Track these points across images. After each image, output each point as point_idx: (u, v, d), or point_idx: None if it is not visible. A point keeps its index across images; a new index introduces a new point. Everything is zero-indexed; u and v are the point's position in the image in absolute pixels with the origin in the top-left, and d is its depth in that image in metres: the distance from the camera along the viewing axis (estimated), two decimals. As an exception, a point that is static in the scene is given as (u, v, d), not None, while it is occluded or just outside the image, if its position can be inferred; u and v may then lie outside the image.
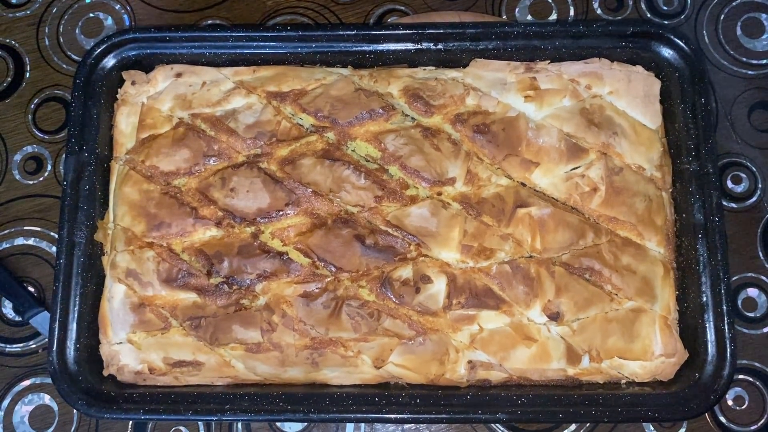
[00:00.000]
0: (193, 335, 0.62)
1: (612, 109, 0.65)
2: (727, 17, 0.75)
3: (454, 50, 0.66)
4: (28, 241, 0.71)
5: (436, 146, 0.64)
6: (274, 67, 0.66)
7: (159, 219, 0.63)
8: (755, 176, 0.71)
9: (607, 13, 0.75)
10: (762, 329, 0.68)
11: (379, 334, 0.62)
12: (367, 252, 0.62)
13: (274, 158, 0.64)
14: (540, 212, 0.63)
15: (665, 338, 0.61)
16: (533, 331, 0.62)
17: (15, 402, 0.68)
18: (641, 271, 0.63)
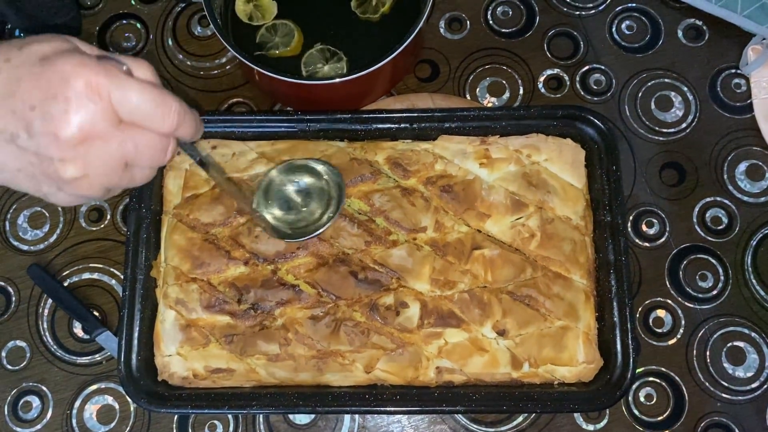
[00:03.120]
0: (227, 349, 0.73)
1: (547, 173, 0.78)
2: (644, 94, 0.89)
3: (425, 128, 0.79)
4: (92, 275, 0.85)
5: (412, 202, 0.76)
6: (287, 141, 0.79)
7: (201, 260, 0.75)
8: (665, 221, 0.85)
9: (549, 91, 0.90)
10: (667, 342, 0.81)
11: (368, 347, 0.73)
12: (359, 284, 0.74)
13: (288, 211, 0.76)
14: (491, 253, 0.75)
15: (587, 349, 0.73)
16: (486, 343, 0.73)
17: (85, 402, 0.81)
18: (568, 297, 0.74)
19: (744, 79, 0.90)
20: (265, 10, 0.88)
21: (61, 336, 0.83)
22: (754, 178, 0.87)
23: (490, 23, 0.93)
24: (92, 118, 0.43)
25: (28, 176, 0.46)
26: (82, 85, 0.43)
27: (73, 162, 0.45)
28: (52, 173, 0.45)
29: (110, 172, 0.46)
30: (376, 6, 0.87)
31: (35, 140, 0.44)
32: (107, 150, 0.45)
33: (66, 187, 0.46)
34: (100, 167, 0.46)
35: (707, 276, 0.84)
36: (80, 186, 0.46)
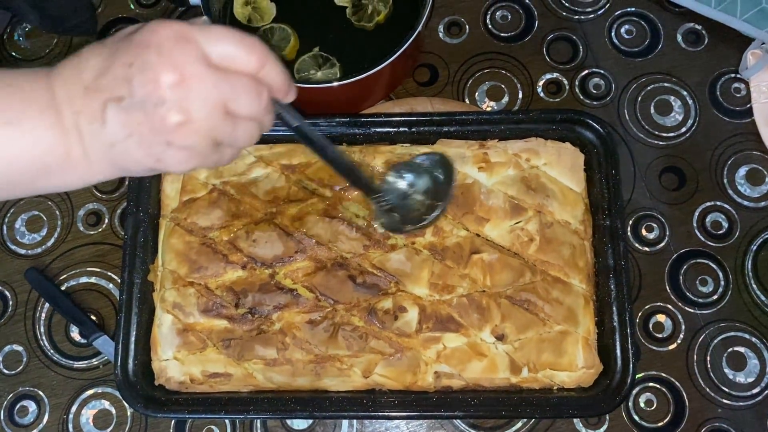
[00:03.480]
0: (224, 353, 0.73)
1: (546, 177, 0.78)
2: (643, 99, 0.89)
3: (424, 132, 0.79)
4: (90, 279, 0.84)
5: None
6: (286, 144, 0.80)
7: (198, 264, 0.75)
8: (664, 226, 0.85)
9: (548, 96, 0.89)
10: (668, 347, 0.81)
11: (366, 351, 0.73)
12: (357, 288, 0.74)
13: (286, 216, 0.76)
14: (490, 257, 0.75)
15: (586, 354, 0.73)
16: (484, 348, 0.73)
17: (81, 407, 0.81)
18: (567, 302, 0.74)
19: (743, 84, 0.90)
20: (263, 12, 0.88)
21: (58, 340, 0.83)
22: (754, 183, 0.87)
23: (489, 27, 0.93)
24: (184, 59, 0.46)
25: (136, 141, 0.47)
26: (170, 33, 0.46)
27: (176, 105, 0.46)
28: (159, 124, 0.46)
29: (212, 114, 0.47)
30: (371, 15, 0.87)
31: (138, 94, 0.46)
32: (205, 88, 0.47)
33: (175, 137, 0.47)
34: (202, 108, 0.47)
35: (707, 281, 0.84)
36: (186, 134, 0.47)
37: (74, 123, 0.47)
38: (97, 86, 0.47)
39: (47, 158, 0.48)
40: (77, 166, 0.49)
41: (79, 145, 0.48)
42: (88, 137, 0.48)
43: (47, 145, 0.48)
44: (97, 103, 0.47)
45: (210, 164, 0.50)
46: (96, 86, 0.47)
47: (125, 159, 0.48)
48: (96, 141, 0.48)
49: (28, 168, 0.48)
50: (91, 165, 0.49)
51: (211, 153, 0.49)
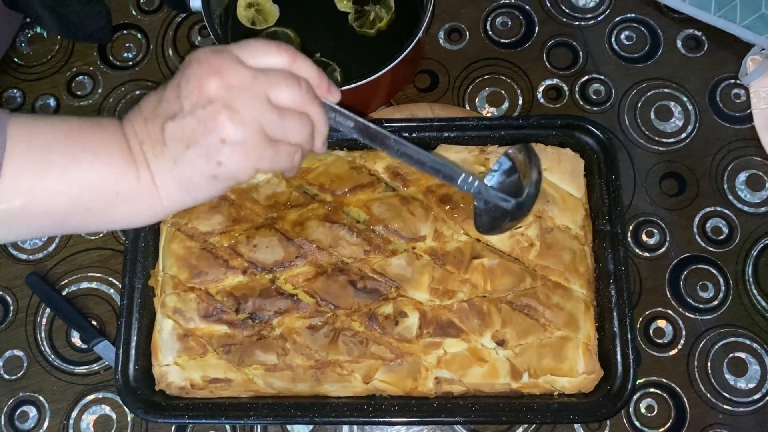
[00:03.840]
0: (224, 359, 0.73)
1: (546, 183, 0.77)
2: (643, 104, 0.90)
3: (424, 138, 0.79)
4: (91, 284, 0.85)
5: (411, 211, 0.76)
6: (286, 150, 0.83)
7: (199, 269, 0.75)
8: (665, 231, 0.85)
9: (548, 101, 0.90)
10: (668, 352, 0.81)
11: (367, 357, 0.73)
12: (358, 294, 0.74)
13: (287, 221, 0.76)
14: (490, 262, 0.75)
15: (587, 360, 0.73)
16: (485, 354, 0.73)
17: (82, 412, 0.81)
18: (568, 307, 0.74)
19: (743, 89, 0.90)
20: (267, 13, 0.89)
21: (58, 345, 0.83)
22: (755, 188, 0.87)
23: (490, 34, 0.94)
24: (222, 62, 0.50)
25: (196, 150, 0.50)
26: (206, 49, 0.52)
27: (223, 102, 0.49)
28: (210, 124, 0.49)
29: (256, 105, 0.50)
30: (373, 21, 0.88)
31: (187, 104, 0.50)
32: (245, 83, 0.50)
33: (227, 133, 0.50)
34: (247, 101, 0.50)
35: (708, 286, 0.84)
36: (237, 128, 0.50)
37: (140, 151, 0.52)
38: (154, 115, 0.52)
39: (119, 184, 0.51)
40: (146, 193, 0.52)
41: (146, 170, 0.52)
42: (153, 162, 0.52)
43: (118, 171, 0.51)
44: (157, 128, 0.51)
45: (269, 163, 0.52)
46: (153, 115, 0.52)
47: (189, 174, 0.51)
48: (160, 163, 0.51)
49: (103, 192, 0.51)
50: (158, 190, 0.52)
51: (267, 147, 0.51)
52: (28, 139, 0.49)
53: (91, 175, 0.51)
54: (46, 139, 0.50)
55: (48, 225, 0.52)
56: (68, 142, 0.50)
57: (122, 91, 0.92)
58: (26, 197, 0.49)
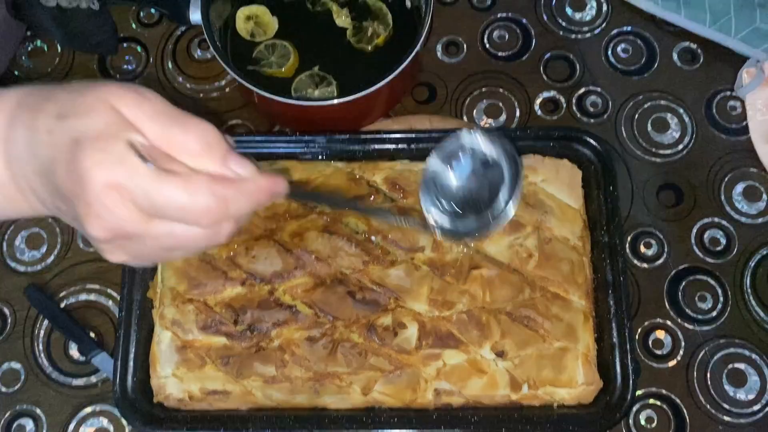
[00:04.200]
0: (223, 370, 0.73)
1: (544, 194, 0.78)
2: (640, 116, 0.90)
3: (422, 149, 0.79)
4: (90, 296, 0.84)
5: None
6: (287, 161, 0.80)
7: (197, 280, 0.75)
8: (662, 242, 0.85)
9: (546, 113, 0.90)
10: (667, 363, 0.81)
11: (366, 368, 0.73)
12: (357, 305, 0.74)
13: (286, 232, 0.76)
14: (489, 273, 0.75)
15: (586, 371, 0.73)
16: (484, 365, 0.73)
17: (79, 425, 0.80)
18: (567, 318, 0.74)
19: (739, 101, 0.91)
20: (266, 26, 0.90)
21: (56, 358, 0.83)
22: (752, 199, 0.87)
23: (487, 47, 0.94)
24: (114, 222, 0.41)
25: (66, 216, 0.46)
26: (100, 187, 0.41)
27: (112, 252, 0.44)
28: (90, 236, 0.44)
29: (154, 257, 0.46)
30: (371, 37, 0.88)
31: (70, 221, 0.45)
32: (141, 246, 0.44)
33: (104, 246, 0.45)
34: (140, 257, 0.45)
35: (706, 297, 0.84)
36: (117, 255, 0.45)
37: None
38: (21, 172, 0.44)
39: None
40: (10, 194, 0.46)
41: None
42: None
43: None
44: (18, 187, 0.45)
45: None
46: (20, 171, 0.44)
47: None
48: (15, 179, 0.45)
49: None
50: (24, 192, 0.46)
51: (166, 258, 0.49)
52: None
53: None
54: None
55: None
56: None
57: (122, 103, 0.92)
58: None
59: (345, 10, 0.90)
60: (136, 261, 0.46)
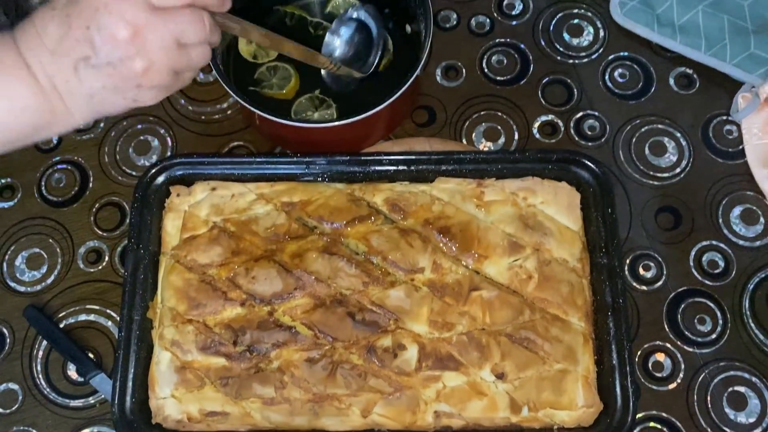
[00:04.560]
0: (222, 391, 0.73)
1: (543, 216, 0.79)
2: (638, 140, 0.91)
3: (422, 170, 0.81)
4: (89, 317, 0.84)
5: (410, 243, 0.76)
6: (286, 183, 0.81)
7: (197, 301, 0.75)
8: (661, 265, 0.85)
9: (544, 137, 0.91)
10: (668, 386, 0.80)
11: (365, 390, 0.72)
12: (356, 326, 0.74)
13: (286, 252, 0.77)
14: (489, 294, 0.75)
15: (586, 393, 0.73)
16: (484, 387, 0.73)
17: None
18: (566, 340, 0.74)
19: (735, 126, 0.92)
20: (268, 48, 0.91)
21: (54, 379, 0.83)
22: (749, 223, 0.88)
23: (486, 71, 0.96)
24: (132, 12, 0.53)
25: (111, 89, 0.56)
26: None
27: (138, 54, 0.54)
28: (127, 73, 0.55)
29: (169, 53, 0.55)
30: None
31: (102, 52, 0.54)
32: (158, 34, 0.54)
33: (143, 80, 0.56)
34: (159, 50, 0.55)
35: (705, 320, 0.84)
36: (152, 76, 0.56)
37: (51, 84, 0.55)
38: (62, 50, 0.54)
39: (36, 119, 0.56)
40: (62, 119, 0.57)
41: (60, 102, 0.56)
42: (66, 94, 0.56)
43: (35, 108, 0.56)
44: (67, 64, 0.54)
45: (175, 90, 0.60)
46: (61, 50, 0.54)
47: (104, 105, 0.57)
48: (75, 95, 0.56)
49: (22, 130, 0.57)
50: (73, 115, 0.57)
51: (175, 81, 0.58)
52: None
53: (10, 119, 0.55)
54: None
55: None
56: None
57: (124, 125, 0.93)
58: None
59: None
60: (157, 71, 0.56)
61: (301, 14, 0.94)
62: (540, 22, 0.98)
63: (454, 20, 0.98)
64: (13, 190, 0.90)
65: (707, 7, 0.93)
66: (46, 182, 0.91)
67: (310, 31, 0.93)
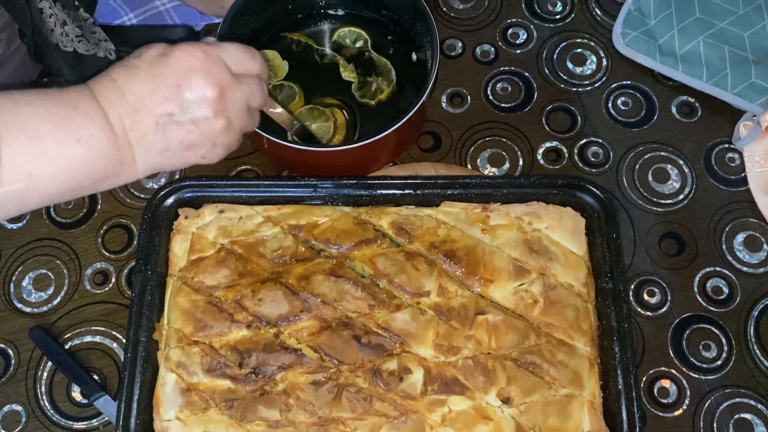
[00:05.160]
0: (227, 414, 0.73)
1: (548, 240, 0.79)
2: (641, 167, 0.92)
3: (428, 194, 0.81)
4: (94, 338, 0.84)
5: (416, 267, 0.77)
6: (294, 206, 0.81)
7: (204, 322, 0.75)
8: (666, 291, 0.86)
9: (548, 163, 0.92)
10: (673, 413, 0.80)
11: (371, 414, 0.72)
12: (362, 349, 0.74)
13: (293, 275, 0.77)
14: (495, 319, 0.75)
15: (592, 418, 0.72)
16: (490, 411, 0.72)
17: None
18: (572, 365, 0.74)
19: (737, 153, 0.93)
20: (277, 68, 0.93)
21: (58, 400, 0.82)
22: (753, 249, 0.88)
23: (490, 98, 0.97)
24: (220, 75, 0.59)
25: (186, 146, 0.60)
26: (202, 55, 0.59)
27: (221, 113, 0.60)
28: (208, 130, 0.60)
29: (242, 114, 0.62)
30: (375, 92, 0.91)
31: (190, 110, 0.58)
32: (236, 96, 0.61)
33: (219, 138, 0.61)
34: (237, 112, 0.61)
35: (711, 346, 0.84)
36: (228, 134, 0.61)
37: (126, 138, 0.58)
38: (145, 106, 0.58)
39: (107, 168, 0.59)
40: (127, 171, 0.60)
41: (131, 154, 0.59)
42: (139, 148, 0.59)
43: (108, 158, 0.58)
44: (149, 120, 0.58)
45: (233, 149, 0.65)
46: (144, 106, 0.58)
47: (173, 160, 0.61)
48: (148, 150, 0.59)
49: (93, 176, 0.59)
50: (137, 168, 0.61)
51: (238, 140, 0.64)
52: (20, 127, 0.53)
53: (83, 162, 0.57)
54: (35, 128, 0.54)
55: (40, 203, 0.58)
56: (56, 130, 0.55)
57: (134, 148, 0.94)
58: (27, 182, 0.54)
59: (351, 64, 0.93)
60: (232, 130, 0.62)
61: (307, 42, 0.95)
62: (544, 51, 1.00)
63: (459, 49, 1.00)
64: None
65: (708, 38, 0.95)
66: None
67: (316, 58, 0.95)
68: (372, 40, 0.94)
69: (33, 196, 0.56)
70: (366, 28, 0.95)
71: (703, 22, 0.96)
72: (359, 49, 0.94)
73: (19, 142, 0.53)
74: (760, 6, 0.96)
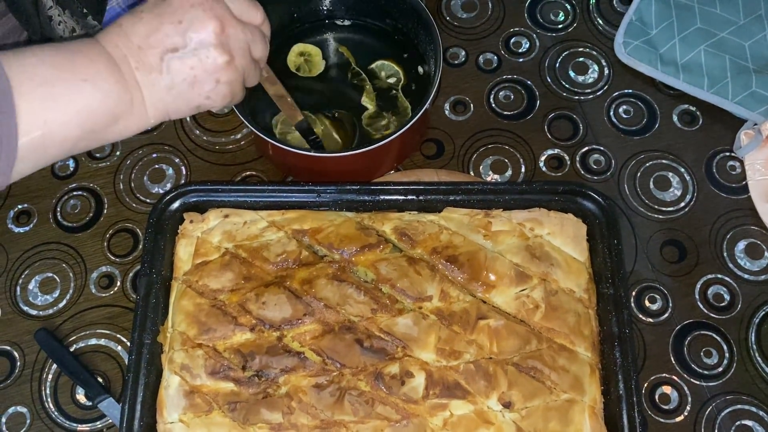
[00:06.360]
0: (230, 416, 0.73)
1: (550, 246, 0.80)
2: (643, 174, 0.93)
3: (431, 200, 0.82)
4: (99, 341, 0.85)
5: (418, 272, 0.78)
6: (297, 210, 0.82)
7: (207, 326, 0.76)
8: (667, 297, 0.86)
9: (550, 170, 0.93)
10: (674, 419, 0.80)
11: (373, 417, 0.73)
12: (365, 352, 0.74)
13: (296, 279, 0.78)
14: (496, 323, 0.76)
15: (593, 423, 0.73)
16: (491, 416, 0.73)
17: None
18: (573, 370, 0.74)
19: (738, 161, 0.94)
20: (314, 65, 0.95)
21: (63, 402, 0.83)
22: (754, 257, 0.89)
23: (493, 106, 0.98)
24: (221, 10, 0.60)
25: (190, 83, 0.60)
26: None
27: (222, 46, 0.60)
28: (210, 65, 0.60)
29: (244, 53, 0.62)
30: (382, 127, 0.92)
31: (192, 42, 0.59)
32: (238, 34, 0.61)
33: (222, 75, 0.61)
34: (238, 49, 0.61)
35: (712, 352, 0.84)
36: (230, 71, 0.61)
37: (133, 76, 0.59)
38: (149, 44, 0.59)
39: (117, 107, 0.59)
40: (137, 113, 0.60)
41: (139, 93, 0.59)
42: (146, 86, 0.59)
43: (116, 96, 0.58)
44: (153, 57, 0.59)
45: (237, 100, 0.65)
46: (148, 44, 0.59)
47: (178, 101, 0.61)
48: (155, 87, 0.60)
49: (104, 116, 0.58)
50: (147, 110, 0.61)
51: (241, 90, 0.64)
52: (29, 77, 0.54)
53: (94, 103, 0.57)
54: (42, 75, 0.55)
55: (61, 152, 0.58)
56: (65, 76, 0.56)
57: (140, 153, 0.96)
58: (44, 129, 0.55)
59: (374, 93, 0.94)
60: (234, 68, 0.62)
61: (349, 57, 0.96)
62: (546, 60, 1.01)
63: (462, 57, 1.01)
64: (29, 216, 0.92)
65: (709, 47, 0.96)
66: (62, 208, 0.92)
67: (348, 74, 0.95)
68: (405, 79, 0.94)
69: (52, 144, 0.56)
70: (394, 61, 0.95)
71: (704, 31, 0.96)
72: (389, 84, 0.94)
73: (31, 91, 0.54)
74: (760, 16, 0.97)
